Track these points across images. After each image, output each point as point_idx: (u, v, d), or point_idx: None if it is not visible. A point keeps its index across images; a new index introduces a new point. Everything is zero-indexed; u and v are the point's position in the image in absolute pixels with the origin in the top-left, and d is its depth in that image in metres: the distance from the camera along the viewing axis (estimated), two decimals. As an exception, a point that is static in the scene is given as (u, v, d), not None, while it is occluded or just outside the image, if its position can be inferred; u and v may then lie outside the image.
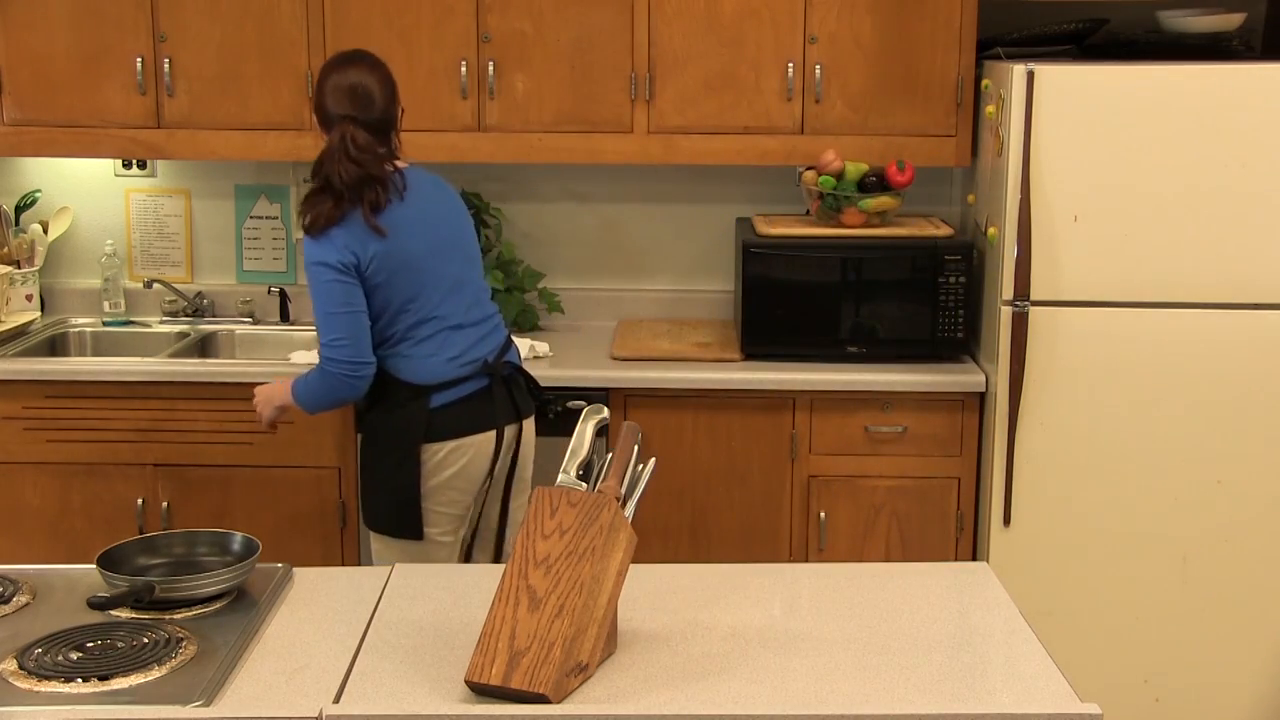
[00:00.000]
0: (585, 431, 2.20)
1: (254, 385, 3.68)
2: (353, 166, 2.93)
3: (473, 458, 3.08)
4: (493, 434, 3.09)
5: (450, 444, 3.04)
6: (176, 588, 2.21)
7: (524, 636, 1.94)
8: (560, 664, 1.92)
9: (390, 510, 3.08)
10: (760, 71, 3.81)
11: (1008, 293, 3.49)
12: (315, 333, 3.05)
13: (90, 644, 2.07)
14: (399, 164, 3.06)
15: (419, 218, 3.03)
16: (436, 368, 3.04)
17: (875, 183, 3.80)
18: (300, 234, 3.07)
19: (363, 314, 2.95)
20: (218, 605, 2.23)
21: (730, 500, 3.71)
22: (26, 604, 2.25)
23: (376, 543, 3.15)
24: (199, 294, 4.26)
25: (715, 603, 2.31)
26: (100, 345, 4.18)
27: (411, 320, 3.02)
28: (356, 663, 2.06)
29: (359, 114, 2.97)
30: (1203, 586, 3.55)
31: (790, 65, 3.79)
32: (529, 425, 3.22)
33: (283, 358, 3.82)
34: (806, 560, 3.70)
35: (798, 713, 1.93)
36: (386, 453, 3.06)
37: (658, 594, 2.32)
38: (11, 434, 3.73)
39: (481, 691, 1.94)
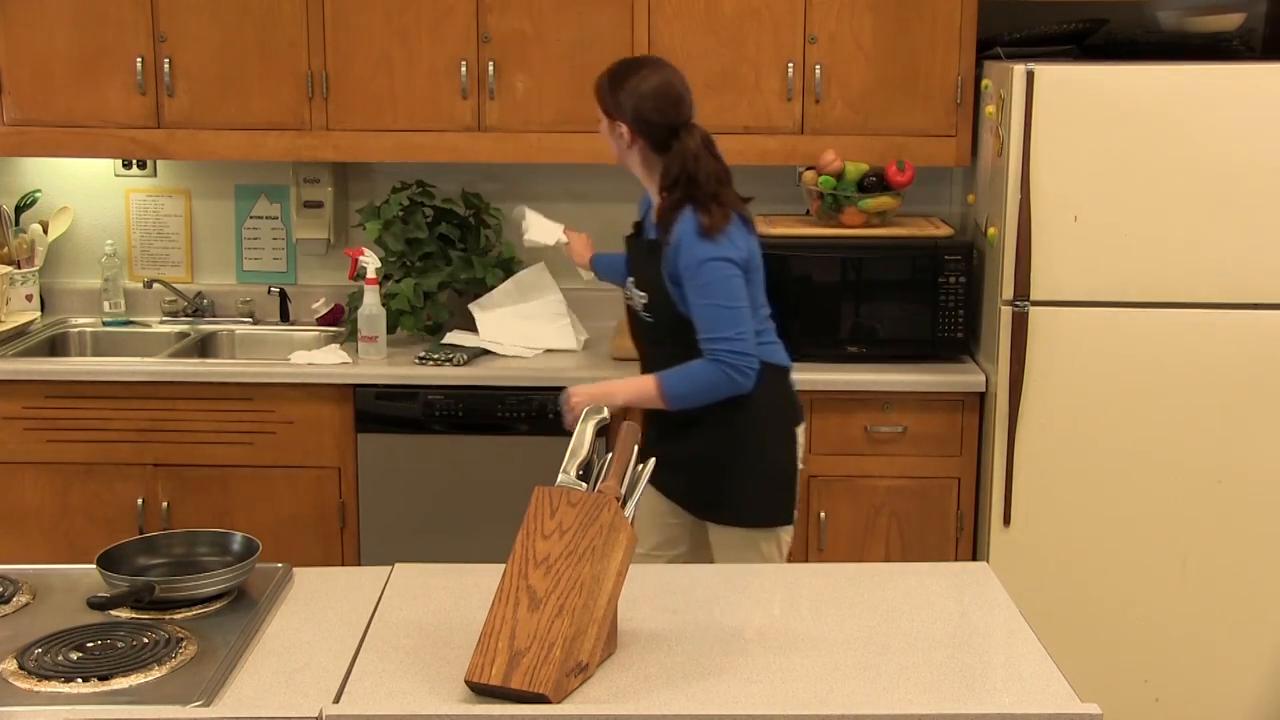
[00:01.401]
0: (585, 431, 2.20)
1: (254, 385, 3.70)
2: (718, 164, 3.00)
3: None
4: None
5: (803, 424, 3.15)
6: (176, 588, 2.21)
7: (524, 636, 1.94)
8: (560, 664, 1.92)
9: (775, 496, 3.05)
10: (760, 71, 3.81)
11: (1008, 293, 3.49)
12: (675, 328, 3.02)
13: (90, 644, 2.07)
14: None
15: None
16: (787, 355, 3.13)
17: (875, 183, 3.80)
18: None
19: (750, 309, 2.99)
20: (218, 605, 2.23)
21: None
22: (26, 604, 2.24)
23: (738, 540, 3.06)
24: (199, 294, 4.26)
25: (715, 603, 2.31)
26: (100, 345, 4.18)
27: (765, 313, 3.09)
28: (356, 663, 2.06)
29: (692, 115, 3.02)
30: (1203, 586, 3.55)
31: (790, 65, 3.79)
32: None
33: (283, 358, 3.81)
34: (806, 560, 3.70)
35: (798, 713, 1.92)
36: (769, 434, 3.05)
37: (658, 594, 2.32)
38: (11, 434, 3.73)
39: (481, 691, 1.94)
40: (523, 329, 3.91)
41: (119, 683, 1.96)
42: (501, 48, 3.82)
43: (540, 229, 3.66)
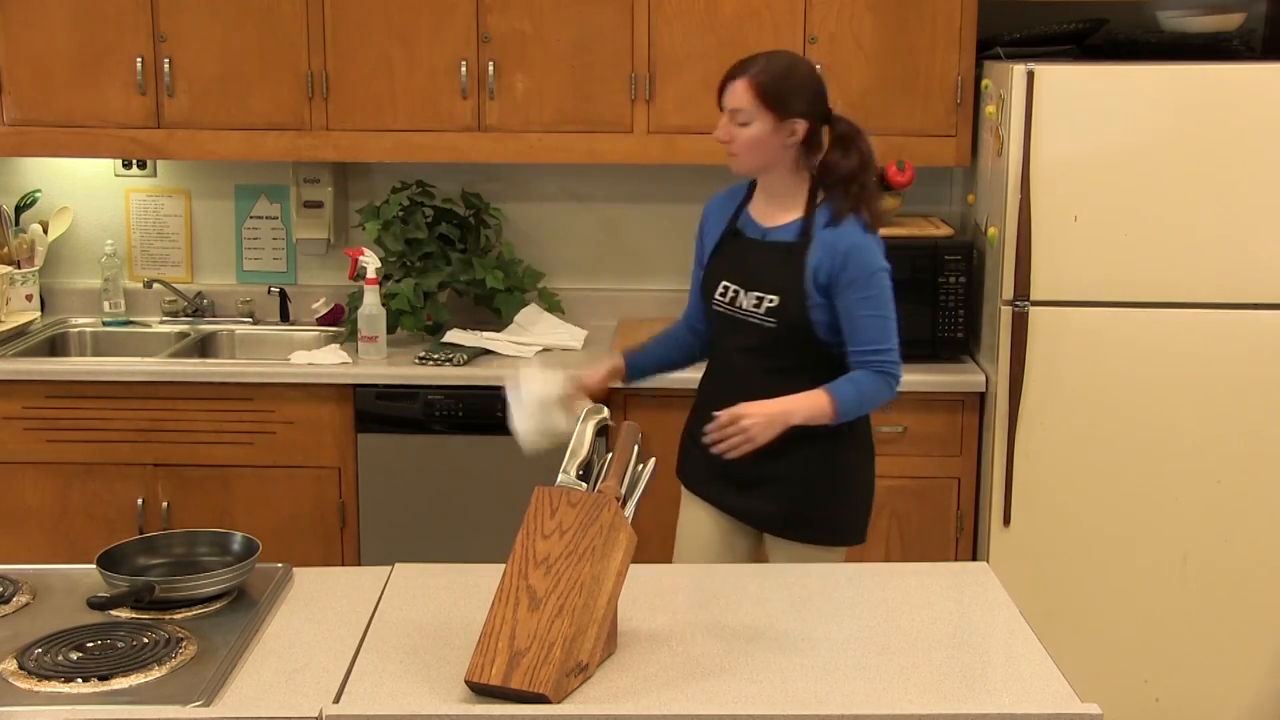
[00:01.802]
0: (585, 431, 2.20)
1: (254, 385, 3.70)
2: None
3: None
4: None
5: None
6: (176, 588, 2.21)
7: (524, 636, 1.94)
8: (560, 664, 1.92)
9: (860, 513, 2.97)
10: (760, 71, 3.80)
11: (1008, 293, 3.48)
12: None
13: (90, 644, 2.07)
14: None
15: None
16: None
17: (875, 183, 3.80)
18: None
19: None
20: (218, 605, 2.23)
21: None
22: (26, 604, 2.25)
23: (806, 556, 2.88)
24: (199, 294, 4.26)
25: (715, 603, 2.31)
26: (100, 345, 4.18)
27: None
28: (356, 663, 2.06)
29: None
30: (1203, 586, 3.55)
31: (790, 65, 3.79)
32: None
33: (283, 358, 3.81)
34: (806, 560, 3.69)
35: (798, 713, 1.92)
36: (862, 450, 2.97)
37: (658, 594, 2.32)
38: (11, 434, 3.73)
39: (481, 691, 1.94)
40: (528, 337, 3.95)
41: (119, 683, 1.96)
42: (501, 48, 3.82)
43: (534, 385, 2.84)
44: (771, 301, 2.83)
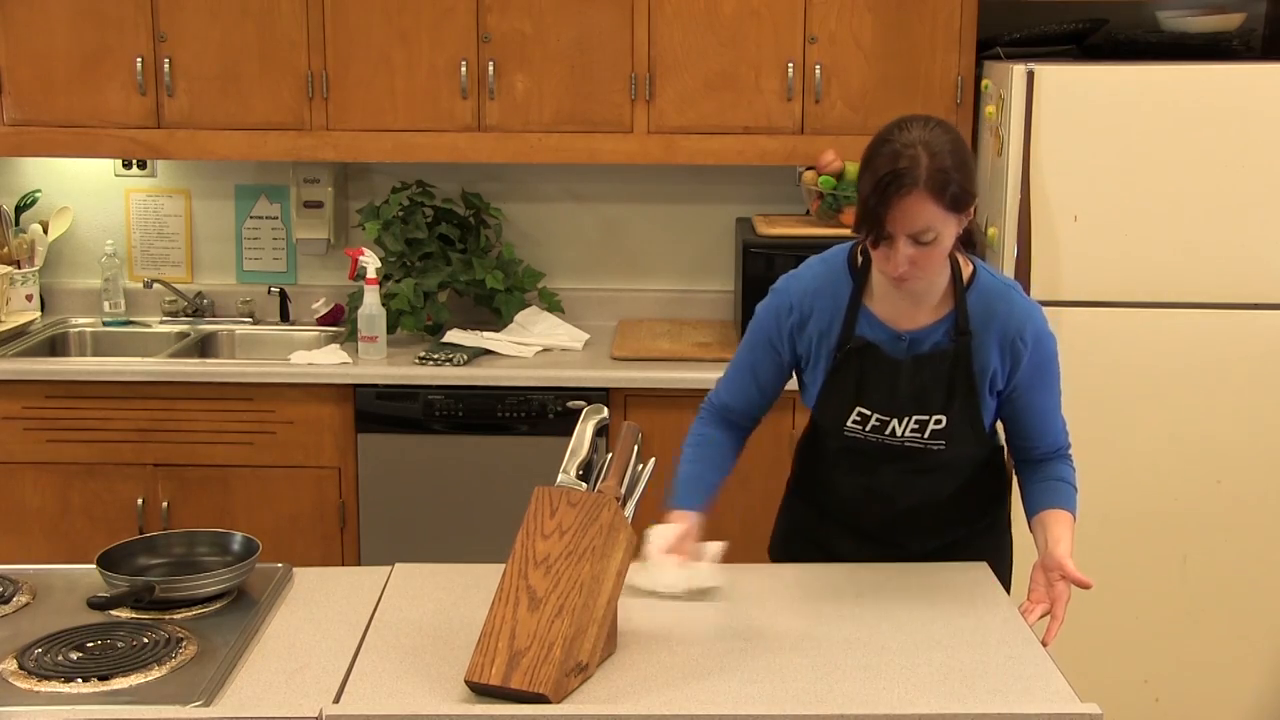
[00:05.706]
0: (585, 431, 2.20)
1: (254, 385, 3.70)
2: None
3: None
4: None
5: None
6: (176, 588, 2.21)
7: (524, 636, 1.94)
8: (560, 664, 1.92)
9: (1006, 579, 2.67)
10: (760, 71, 3.81)
11: (1008, 293, 3.48)
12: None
13: (90, 644, 2.07)
14: None
15: None
16: None
17: (875, 183, 3.80)
18: None
19: None
20: (218, 605, 2.23)
21: (730, 500, 3.69)
22: (26, 604, 2.25)
23: None
24: (199, 294, 4.26)
25: (715, 603, 2.31)
26: (100, 345, 4.18)
27: None
28: (356, 663, 2.06)
29: None
30: (1203, 586, 3.55)
31: (790, 65, 3.79)
32: None
33: (283, 358, 3.81)
34: (806, 560, 3.69)
35: (798, 713, 1.92)
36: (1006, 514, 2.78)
37: (658, 594, 2.32)
38: (11, 434, 3.73)
39: (481, 691, 1.94)
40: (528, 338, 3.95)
41: (119, 683, 1.96)
42: (501, 48, 3.82)
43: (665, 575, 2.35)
44: (938, 424, 2.39)
